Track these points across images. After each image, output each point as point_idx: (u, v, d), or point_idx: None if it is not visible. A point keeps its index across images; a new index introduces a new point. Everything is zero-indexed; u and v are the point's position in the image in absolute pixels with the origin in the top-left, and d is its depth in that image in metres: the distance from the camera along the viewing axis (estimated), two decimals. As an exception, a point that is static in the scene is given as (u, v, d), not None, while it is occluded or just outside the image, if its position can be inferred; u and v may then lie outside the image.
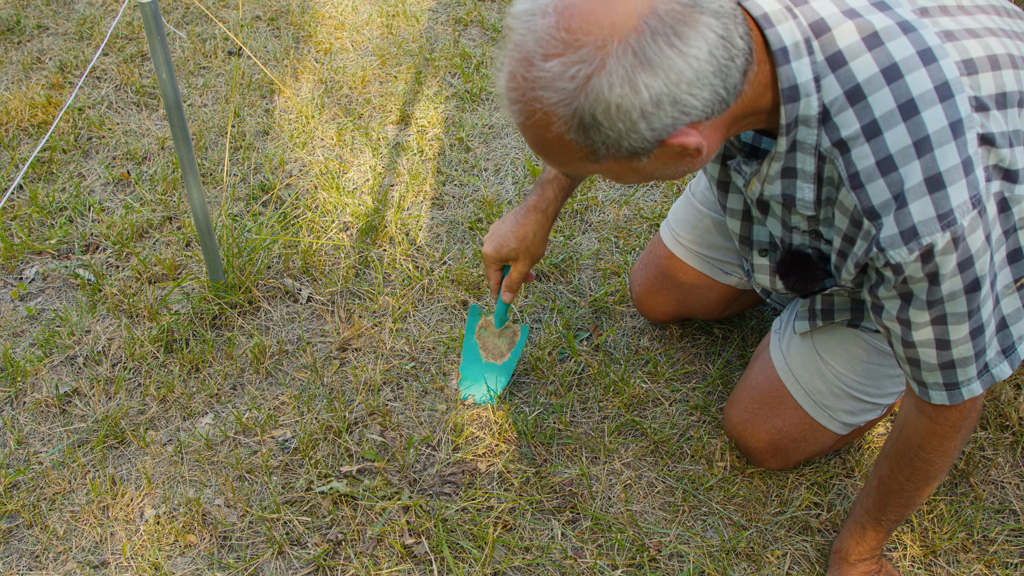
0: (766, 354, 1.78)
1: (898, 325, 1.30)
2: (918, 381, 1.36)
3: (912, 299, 1.25)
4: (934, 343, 1.29)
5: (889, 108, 1.14)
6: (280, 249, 2.27)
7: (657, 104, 1.03)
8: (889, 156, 1.14)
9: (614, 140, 1.07)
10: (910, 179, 1.14)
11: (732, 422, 1.80)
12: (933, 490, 1.51)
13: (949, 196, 1.13)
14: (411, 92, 2.79)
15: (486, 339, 1.95)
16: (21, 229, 2.32)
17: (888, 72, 1.14)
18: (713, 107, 1.08)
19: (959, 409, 1.37)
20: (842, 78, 1.15)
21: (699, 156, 1.13)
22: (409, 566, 1.68)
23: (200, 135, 2.61)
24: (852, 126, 1.16)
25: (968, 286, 1.21)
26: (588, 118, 1.04)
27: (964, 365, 1.30)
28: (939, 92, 1.13)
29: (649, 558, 1.70)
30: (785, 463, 1.79)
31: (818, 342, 1.68)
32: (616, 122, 1.05)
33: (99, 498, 1.77)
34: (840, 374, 1.66)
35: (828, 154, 1.20)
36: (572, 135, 1.07)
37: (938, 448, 1.42)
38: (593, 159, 1.12)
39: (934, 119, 1.13)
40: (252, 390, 1.99)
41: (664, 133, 1.07)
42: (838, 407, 1.69)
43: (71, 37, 2.99)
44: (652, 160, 1.12)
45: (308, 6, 3.15)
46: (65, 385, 1.98)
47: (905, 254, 1.17)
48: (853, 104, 1.15)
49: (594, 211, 2.40)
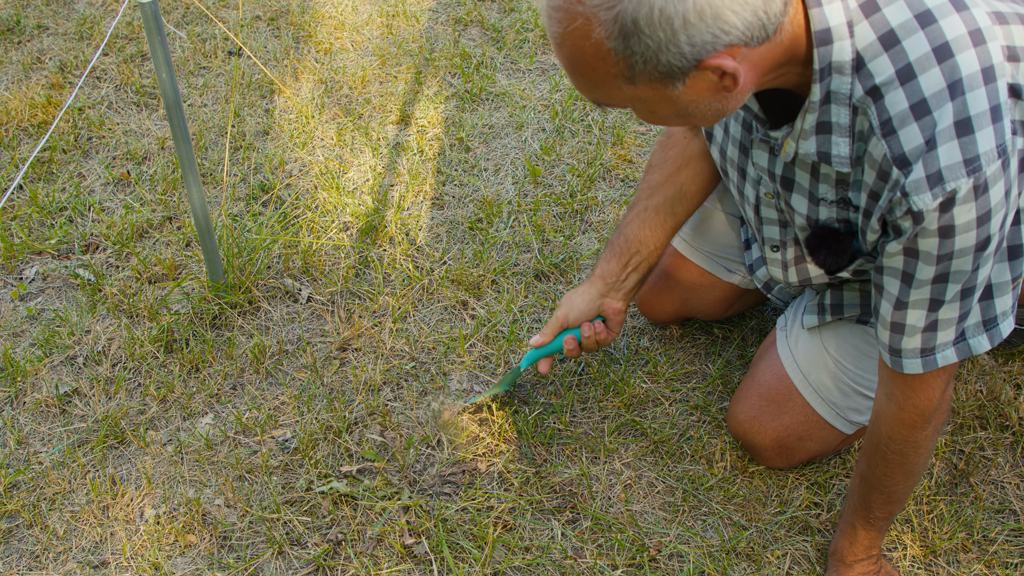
0: (773, 351, 1.77)
1: (898, 283, 1.29)
2: (894, 350, 1.35)
3: (920, 254, 1.23)
4: (927, 303, 1.28)
5: (924, 51, 1.13)
6: (280, 249, 2.27)
7: (700, 14, 1.04)
8: (923, 99, 1.14)
9: (653, 52, 1.07)
10: (942, 121, 1.13)
11: (738, 419, 1.80)
12: (915, 484, 1.51)
13: (977, 141, 1.13)
14: (411, 92, 2.79)
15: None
16: (21, 229, 2.32)
17: (922, 17, 1.14)
18: (753, 32, 1.08)
19: (927, 394, 1.36)
20: (876, 24, 1.15)
21: (734, 89, 1.13)
22: (409, 566, 1.68)
23: (200, 135, 2.61)
24: (886, 71, 1.15)
25: (980, 243, 1.20)
26: (630, 23, 1.04)
27: (945, 327, 1.30)
28: (973, 37, 1.13)
29: (649, 558, 1.70)
30: (790, 461, 1.79)
31: (826, 338, 1.68)
32: (658, 29, 1.04)
33: (99, 498, 1.77)
34: (848, 370, 1.66)
35: (861, 104, 1.19)
36: (612, 43, 1.07)
37: (909, 439, 1.42)
38: (628, 77, 1.11)
39: (968, 62, 1.13)
40: (252, 390, 1.99)
41: (703, 51, 1.07)
42: (846, 404, 1.69)
43: (71, 37, 2.99)
44: (687, 88, 1.12)
45: (308, 6, 3.15)
46: (65, 385, 1.98)
47: (928, 200, 1.16)
48: (887, 49, 1.15)
49: (594, 211, 2.40)
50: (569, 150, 2.59)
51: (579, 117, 2.70)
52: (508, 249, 2.30)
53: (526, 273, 2.24)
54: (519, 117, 2.71)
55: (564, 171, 2.52)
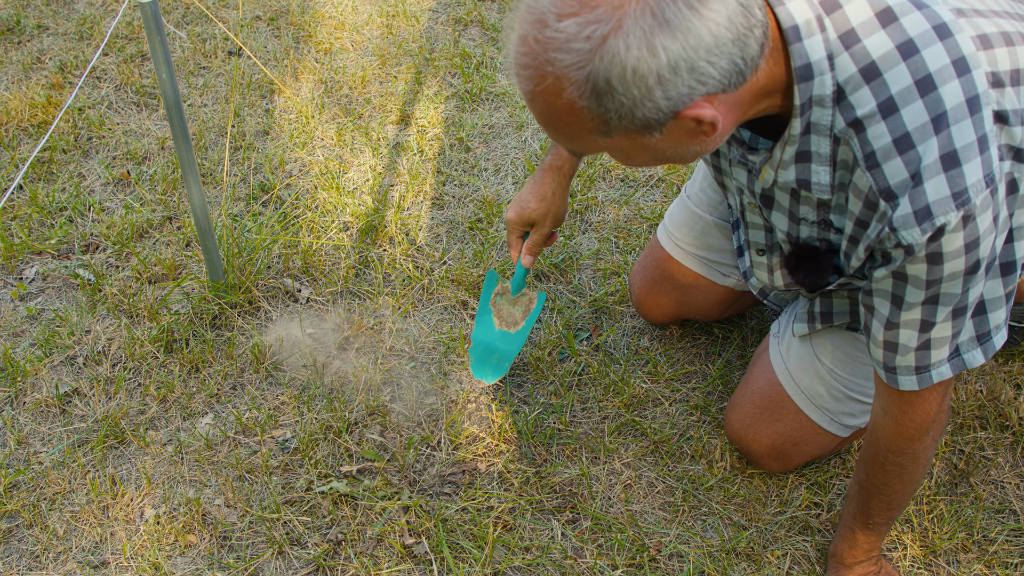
0: (765, 358, 1.77)
1: (888, 304, 1.28)
2: (888, 367, 1.34)
3: (909, 278, 1.23)
4: (918, 324, 1.27)
5: (906, 84, 1.11)
6: (280, 249, 2.27)
7: (674, 69, 1.00)
8: (907, 134, 1.12)
9: (628, 108, 1.03)
10: (927, 156, 1.11)
11: (733, 427, 1.80)
12: (915, 490, 1.51)
13: (964, 174, 1.11)
14: (411, 92, 2.79)
15: (501, 307, 1.90)
16: (21, 229, 2.32)
17: (904, 48, 1.11)
18: (730, 78, 1.05)
19: (924, 409, 1.36)
20: (856, 56, 1.13)
21: (713, 134, 1.10)
22: (409, 566, 1.68)
23: (200, 135, 2.61)
24: (868, 104, 1.13)
25: (969, 268, 1.19)
26: (602, 83, 1.01)
27: (939, 346, 1.29)
28: (956, 67, 1.11)
29: (649, 558, 1.70)
30: (787, 466, 1.79)
31: (817, 345, 1.68)
32: (631, 87, 1.01)
33: (99, 498, 1.77)
34: (840, 377, 1.66)
35: (843, 135, 1.17)
36: (585, 102, 1.03)
37: (906, 451, 1.41)
38: (604, 131, 1.08)
39: (952, 94, 1.10)
40: (252, 390, 1.99)
41: (680, 103, 1.04)
42: (838, 409, 1.69)
43: (71, 37, 2.99)
44: (664, 136, 1.09)
45: (308, 6, 3.15)
46: (65, 385, 1.98)
47: (917, 235, 1.14)
48: (869, 82, 1.13)
49: (594, 211, 2.40)
50: (569, 150, 2.59)
51: (579, 117, 2.70)
52: (508, 249, 2.30)
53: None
54: (519, 117, 2.70)
55: (564, 171, 2.52)
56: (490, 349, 1.90)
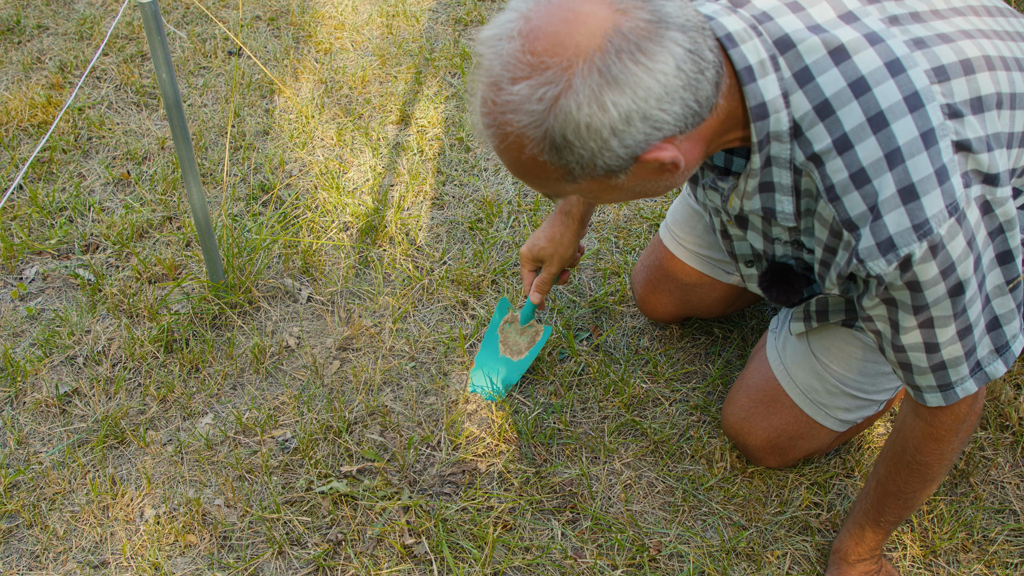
0: (762, 353, 1.78)
1: (888, 328, 1.30)
2: (912, 386, 1.36)
3: (898, 303, 1.25)
4: (923, 346, 1.29)
5: (858, 122, 1.14)
6: (280, 249, 2.27)
7: (627, 121, 1.04)
8: (861, 169, 1.15)
9: (588, 159, 1.07)
10: (884, 191, 1.14)
11: (729, 421, 1.80)
12: (932, 492, 1.51)
13: (924, 206, 1.13)
14: (411, 92, 2.79)
15: (508, 334, 1.95)
16: (21, 229, 2.32)
17: (855, 85, 1.14)
18: (686, 120, 1.08)
19: (955, 412, 1.37)
20: (810, 93, 1.16)
21: (677, 171, 1.13)
22: (409, 566, 1.68)
23: (200, 135, 2.61)
24: (823, 140, 1.16)
25: (952, 290, 1.21)
26: (559, 138, 1.05)
27: (955, 365, 1.30)
28: (908, 103, 1.13)
29: (649, 558, 1.70)
30: (784, 461, 1.79)
31: (813, 342, 1.68)
32: (588, 141, 1.05)
33: (99, 498, 1.78)
34: (836, 373, 1.66)
35: (803, 167, 1.20)
36: (546, 156, 1.08)
37: (934, 452, 1.42)
38: (569, 179, 1.12)
39: (904, 130, 1.13)
40: (252, 390, 1.99)
41: (638, 149, 1.07)
42: (834, 404, 1.69)
43: (71, 37, 2.99)
44: (630, 177, 1.13)
45: (308, 6, 3.15)
46: (65, 385, 1.98)
47: (884, 265, 1.17)
48: (823, 119, 1.16)
49: (594, 211, 2.40)
50: (569, 150, 2.59)
51: (579, 117, 2.70)
52: (508, 249, 2.30)
53: (526, 273, 2.24)
54: (519, 117, 2.70)
55: (564, 171, 2.52)
56: (492, 370, 1.96)
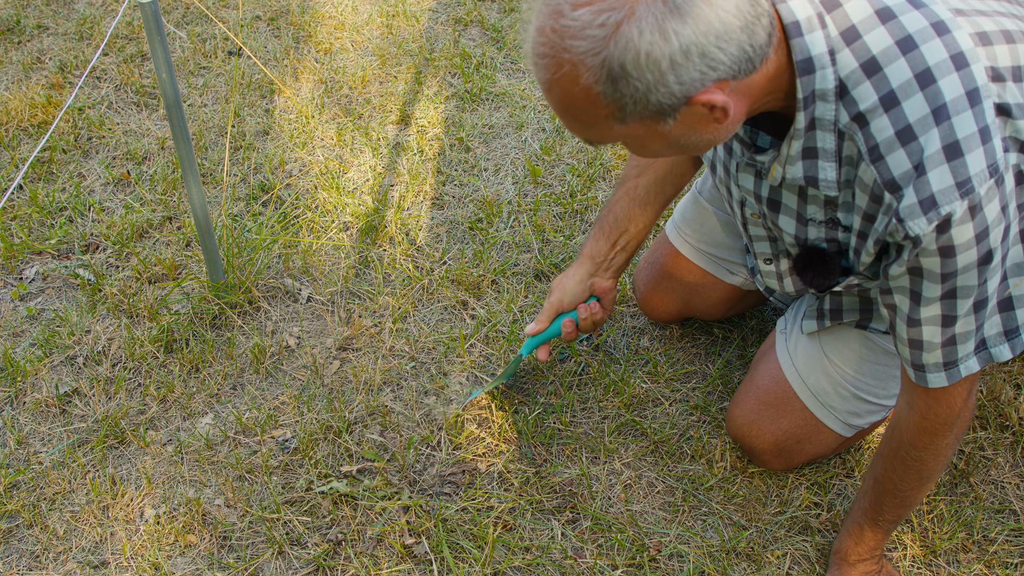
0: (772, 354, 1.77)
1: (908, 301, 1.29)
2: (917, 365, 1.35)
3: (924, 273, 1.24)
4: (940, 319, 1.28)
5: (906, 78, 1.14)
6: (280, 249, 2.27)
7: (686, 54, 1.04)
8: (908, 126, 1.15)
9: (642, 93, 1.07)
10: (929, 147, 1.14)
11: (736, 423, 1.79)
12: (929, 489, 1.51)
13: (967, 164, 1.13)
14: (411, 92, 2.79)
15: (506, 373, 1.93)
16: (21, 229, 2.32)
17: (903, 43, 1.15)
18: (740, 65, 1.09)
19: (951, 403, 1.37)
20: (857, 51, 1.16)
21: (725, 120, 1.13)
22: (409, 566, 1.68)
23: (200, 135, 2.61)
24: (870, 98, 1.16)
25: (982, 258, 1.20)
26: (617, 68, 1.05)
27: (964, 341, 1.30)
28: (955, 61, 1.14)
29: (649, 558, 1.70)
30: (788, 464, 1.79)
31: (825, 343, 1.68)
32: (645, 72, 1.05)
33: (99, 498, 1.77)
34: (847, 375, 1.66)
35: (847, 129, 1.20)
36: (601, 87, 1.07)
37: (929, 446, 1.42)
38: (619, 118, 1.12)
39: (951, 87, 1.13)
40: (252, 390, 1.99)
41: (692, 88, 1.08)
42: (843, 408, 1.69)
43: (71, 37, 2.99)
44: (678, 123, 1.13)
45: (308, 6, 3.15)
46: (65, 385, 1.98)
47: (924, 224, 1.16)
48: (870, 76, 1.16)
49: (594, 211, 2.40)
50: (569, 150, 2.59)
51: (579, 117, 2.70)
52: (508, 249, 2.30)
53: (526, 273, 2.24)
54: (519, 117, 2.71)
55: (564, 171, 2.52)
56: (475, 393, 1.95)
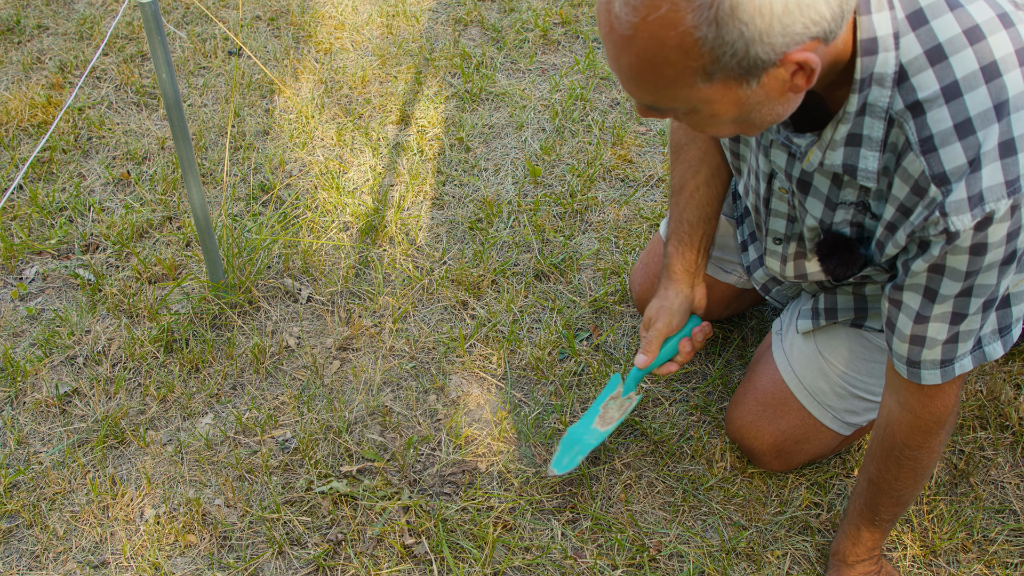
0: (768, 356, 1.77)
1: (920, 299, 1.27)
2: (912, 361, 1.33)
3: (947, 271, 1.22)
4: (950, 316, 1.26)
5: (971, 70, 1.11)
6: (280, 249, 2.27)
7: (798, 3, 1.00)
8: (968, 119, 1.12)
9: (744, 43, 1.01)
10: (988, 143, 1.12)
11: (735, 424, 1.80)
12: (923, 486, 1.51)
13: (1019, 162, 1.11)
14: (411, 92, 2.79)
15: (609, 408, 1.81)
16: (21, 229, 2.32)
17: (970, 33, 1.12)
18: (833, 26, 1.05)
19: (944, 401, 1.36)
20: (923, 37, 1.13)
21: (803, 88, 1.09)
22: (409, 566, 1.68)
23: (200, 135, 2.61)
24: (930, 87, 1.13)
25: (1006, 257, 1.19)
26: (728, 9, 0.98)
27: (966, 339, 1.29)
28: (1019, 56, 1.12)
29: (649, 558, 1.70)
30: (788, 465, 1.79)
31: (820, 342, 1.68)
32: (756, 17, 0.99)
33: (99, 498, 1.78)
34: (843, 374, 1.66)
35: (898, 117, 1.17)
36: (703, 31, 1.00)
37: (923, 444, 1.41)
38: (709, 73, 1.05)
39: (1015, 82, 1.11)
40: (252, 390, 1.99)
41: (791, 43, 1.02)
42: (842, 407, 1.69)
43: (71, 37, 2.99)
44: (759, 88, 1.08)
45: (308, 6, 3.15)
46: (65, 385, 1.98)
47: (967, 221, 1.14)
48: (933, 64, 1.13)
49: (594, 211, 2.40)
50: (569, 150, 2.59)
51: (579, 117, 2.70)
52: (508, 249, 2.30)
53: (526, 273, 2.24)
54: (519, 117, 2.71)
55: (564, 171, 2.52)
56: (575, 442, 1.80)
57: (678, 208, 1.70)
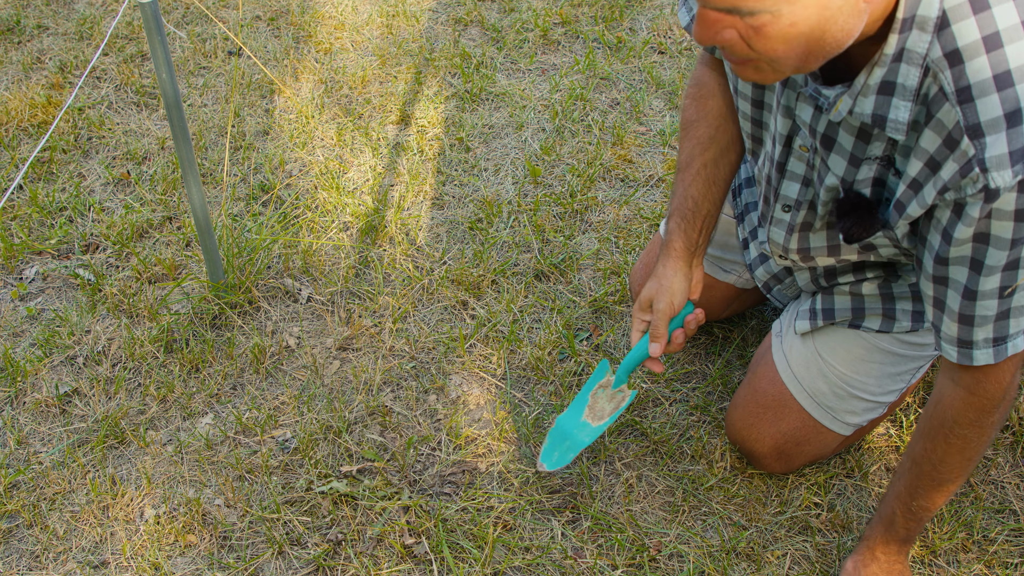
0: (768, 357, 1.77)
1: (967, 271, 1.24)
2: (966, 341, 1.30)
3: (992, 239, 1.19)
4: (998, 291, 1.24)
5: (1013, 21, 1.10)
6: (280, 249, 2.27)
7: None
8: (1008, 71, 1.10)
9: None
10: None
11: (735, 427, 1.79)
12: (966, 477, 1.46)
13: None
14: (411, 92, 2.79)
15: (598, 399, 1.79)
16: (21, 229, 2.32)
17: None
18: None
19: (999, 378, 1.33)
20: None
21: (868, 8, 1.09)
22: (409, 566, 1.68)
23: (200, 135, 2.62)
24: (972, 36, 1.11)
25: None
26: None
27: (1018, 315, 1.26)
28: None
29: (649, 558, 1.70)
30: (788, 466, 1.79)
31: (819, 343, 1.68)
32: None
33: (99, 498, 1.78)
34: (842, 375, 1.66)
35: (934, 66, 1.15)
36: None
37: (975, 423, 1.37)
38: None
39: None
40: (252, 390, 1.99)
41: None
42: (841, 408, 1.69)
43: (71, 37, 2.99)
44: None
45: (308, 6, 3.15)
46: (65, 385, 1.98)
47: (1008, 177, 1.12)
48: (976, 12, 1.11)
49: (594, 211, 2.40)
50: (569, 150, 2.59)
51: (579, 117, 2.70)
52: (508, 249, 2.30)
53: (526, 273, 2.24)
54: (519, 117, 2.71)
55: (564, 171, 2.52)
56: (565, 436, 1.78)
57: (684, 183, 1.66)
